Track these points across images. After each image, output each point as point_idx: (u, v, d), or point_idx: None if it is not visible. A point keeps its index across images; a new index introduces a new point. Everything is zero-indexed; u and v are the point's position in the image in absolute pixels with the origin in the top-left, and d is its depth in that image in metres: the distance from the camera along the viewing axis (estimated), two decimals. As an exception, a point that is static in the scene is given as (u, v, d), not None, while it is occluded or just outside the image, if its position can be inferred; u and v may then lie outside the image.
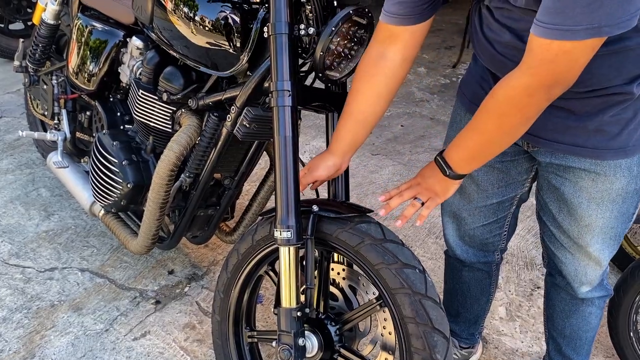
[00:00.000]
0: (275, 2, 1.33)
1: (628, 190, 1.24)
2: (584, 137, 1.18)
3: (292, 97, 1.32)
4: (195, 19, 1.53)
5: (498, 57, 1.17)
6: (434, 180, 1.26)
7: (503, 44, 1.14)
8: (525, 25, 1.04)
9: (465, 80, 1.41)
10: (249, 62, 1.50)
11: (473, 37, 1.28)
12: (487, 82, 1.29)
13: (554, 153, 1.26)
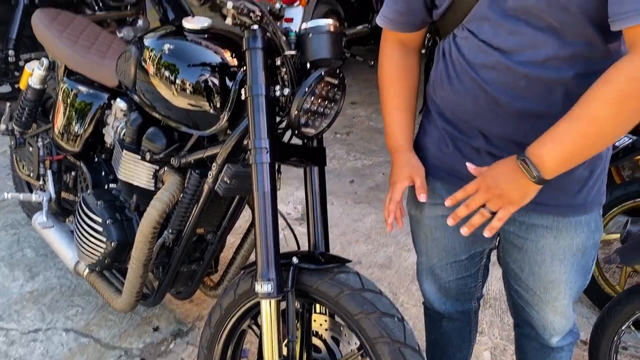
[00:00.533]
0: (252, 66, 1.41)
1: (587, 245, 1.29)
2: (547, 195, 1.20)
3: (269, 154, 1.38)
4: (176, 82, 1.61)
5: (480, 87, 1.19)
6: (511, 185, 1.08)
7: (489, 67, 1.16)
8: (516, 39, 1.10)
9: (419, 144, 1.42)
10: (229, 121, 1.57)
11: (439, 86, 1.30)
12: (445, 143, 1.32)
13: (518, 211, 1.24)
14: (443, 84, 1.28)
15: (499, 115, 1.19)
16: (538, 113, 1.16)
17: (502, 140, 1.22)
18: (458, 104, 1.26)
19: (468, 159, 1.26)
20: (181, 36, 1.68)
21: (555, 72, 1.11)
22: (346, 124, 4.13)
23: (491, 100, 1.19)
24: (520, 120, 1.18)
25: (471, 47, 1.19)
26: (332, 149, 3.73)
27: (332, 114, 1.53)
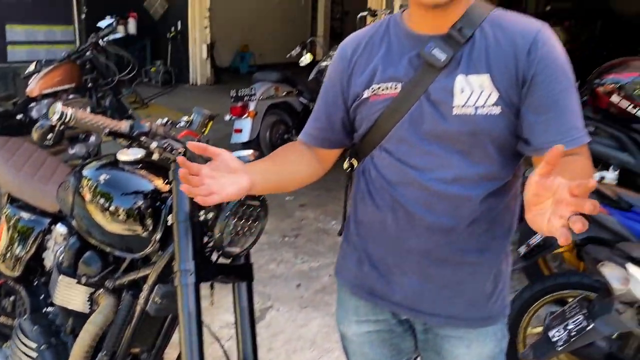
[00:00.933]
0: (178, 193, 1.55)
1: (495, 352, 1.40)
2: (458, 309, 1.34)
3: (194, 276, 1.48)
4: (110, 210, 1.72)
5: (397, 203, 1.30)
6: None
7: (405, 184, 1.29)
8: (429, 159, 1.24)
9: (341, 264, 1.51)
10: (160, 243, 1.68)
11: (360, 201, 1.41)
12: (364, 262, 1.41)
13: (434, 324, 1.39)
14: (364, 199, 1.41)
15: (414, 229, 1.32)
16: (448, 227, 1.30)
17: (416, 254, 1.34)
18: (378, 218, 1.37)
19: (385, 277, 1.38)
20: (117, 166, 1.82)
21: (462, 190, 1.26)
22: (294, 227, 4.27)
23: (408, 215, 1.32)
24: (434, 234, 1.31)
25: (389, 166, 1.33)
26: (279, 252, 3.83)
27: (256, 232, 1.66)
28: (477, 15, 1.23)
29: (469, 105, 1.20)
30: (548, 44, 1.19)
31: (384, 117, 1.29)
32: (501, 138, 1.22)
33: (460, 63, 1.21)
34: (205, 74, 10.21)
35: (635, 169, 2.89)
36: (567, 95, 1.19)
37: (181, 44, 9.90)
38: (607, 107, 2.94)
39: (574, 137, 1.18)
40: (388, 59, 1.29)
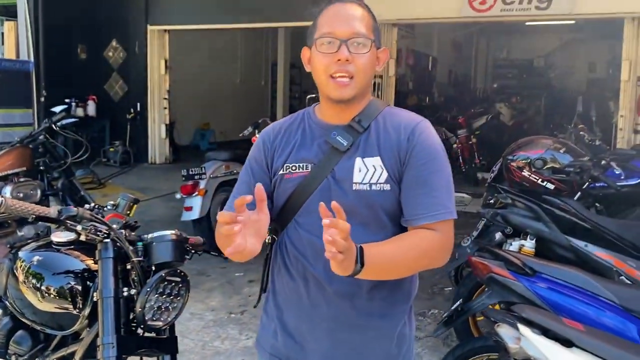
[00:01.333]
0: (103, 272, 1.69)
1: None
2: None
3: (115, 349, 1.60)
4: (41, 289, 1.83)
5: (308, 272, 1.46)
6: (348, 259, 1.25)
7: (314, 253, 1.43)
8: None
9: (261, 335, 1.63)
10: (89, 319, 1.79)
11: (278, 273, 1.54)
12: (280, 332, 1.54)
13: None
14: (280, 271, 1.56)
15: (324, 297, 1.47)
16: (351, 293, 1.46)
17: (325, 320, 1.48)
18: (292, 288, 1.52)
19: (299, 344, 1.51)
20: (52, 248, 1.94)
21: None
22: (241, 303, 4.33)
23: (317, 284, 1.47)
24: (340, 300, 1.46)
25: (301, 238, 1.49)
26: (225, 329, 3.87)
27: (178, 306, 1.79)
28: (373, 110, 1.49)
29: (365, 183, 1.42)
30: (424, 134, 1.44)
31: (297, 192, 1.48)
32: (393, 210, 1.43)
33: (358, 148, 1.45)
34: (164, 152, 10.40)
35: (549, 237, 3.14)
36: (438, 177, 1.42)
37: (140, 124, 10.14)
38: (520, 181, 3.23)
39: (439, 212, 1.39)
40: (302, 144, 1.50)
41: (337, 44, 1.40)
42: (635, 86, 6.77)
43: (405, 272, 1.44)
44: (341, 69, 1.40)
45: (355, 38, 1.41)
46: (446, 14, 7.70)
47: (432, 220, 1.38)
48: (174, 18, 9.80)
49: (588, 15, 7.06)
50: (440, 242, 1.40)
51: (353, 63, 1.40)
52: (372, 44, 1.43)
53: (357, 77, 1.42)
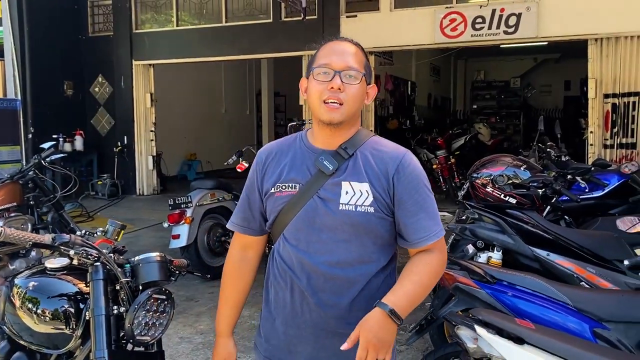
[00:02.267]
0: (94, 293, 1.86)
1: None
2: None
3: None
4: (37, 312, 1.99)
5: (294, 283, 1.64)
6: (386, 332, 1.47)
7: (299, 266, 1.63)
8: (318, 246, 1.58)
9: (257, 340, 1.80)
10: (82, 338, 1.95)
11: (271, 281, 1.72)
12: (272, 337, 1.71)
13: None
14: (273, 281, 1.74)
15: (308, 306, 1.65)
16: (333, 304, 1.63)
17: (309, 327, 1.65)
18: (282, 297, 1.69)
19: (287, 348, 1.68)
20: (46, 274, 2.11)
21: (343, 272, 1.61)
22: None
23: (302, 294, 1.65)
24: (322, 309, 1.63)
25: (288, 252, 1.67)
26: (214, 351, 4.02)
27: (164, 323, 1.96)
28: (359, 139, 1.68)
29: (351, 204, 1.60)
30: (411, 165, 1.64)
31: (285, 210, 1.67)
32: (374, 230, 1.61)
33: (344, 172, 1.63)
34: (152, 184, 10.56)
35: (514, 248, 3.35)
36: (429, 202, 1.63)
37: (127, 157, 10.31)
38: (485, 197, 3.45)
39: (436, 232, 1.61)
40: (292, 165, 1.69)
41: (332, 74, 1.59)
42: (602, 103, 7.10)
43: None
44: (332, 96, 1.58)
45: (348, 70, 1.60)
46: (420, 40, 8.04)
47: (434, 239, 1.60)
48: (158, 53, 10.08)
49: (553, 38, 7.41)
50: (441, 260, 1.63)
51: (344, 92, 1.58)
52: (363, 77, 1.62)
53: (346, 105, 1.59)
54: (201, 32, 9.83)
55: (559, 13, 7.15)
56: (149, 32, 10.28)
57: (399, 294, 1.53)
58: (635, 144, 6.92)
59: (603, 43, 7.01)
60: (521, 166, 3.51)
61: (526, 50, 12.56)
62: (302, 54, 8.92)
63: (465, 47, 8.83)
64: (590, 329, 2.38)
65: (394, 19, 8.11)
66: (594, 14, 6.93)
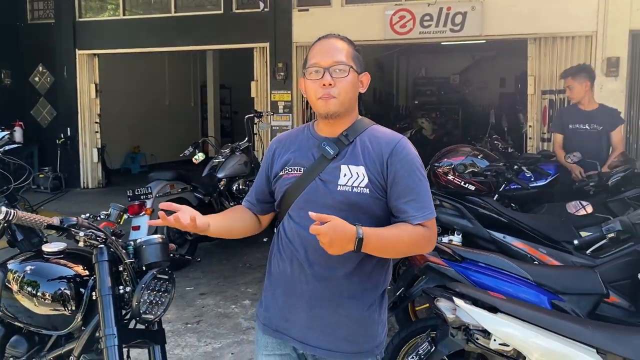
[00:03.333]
0: (100, 274, 1.92)
1: None
2: (336, 344, 1.77)
3: (117, 339, 1.83)
4: (37, 295, 2.02)
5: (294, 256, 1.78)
6: (342, 242, 1.56)
7: (298, 241, 1.77)
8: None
9: (258, 309, 1.94)
10: (83, 320, 2.00)
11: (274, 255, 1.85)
12: (272, 306, 1.84)
13: (319, 356, 1.78)
14: (275, 254, 1.88)
15: (305, 277, 1.78)
16: (327, 276, 1.76)
17: (305, 296, 1.78)
18: (282, 269, 1.83)
19: (285, 316, 1.81)
20: (40, 258, 2.14)
21: None
22: (196, 314, 4.53)
23: (300, 266, 1.78)
24: (317, 281, 1.77)
25: (291, 228, 1.81)
26: (183, 338, 4.07)
27: (166, 301, 2.04)
28: (359, 127, 1.82)
29: (348, 185, 1.74)
30: (405, 150, 1.77)
31: (290, 190, 1.82)
32: (370, 209, 1.75)
33: (344, 156, 1.77)
34: (97, 177, 10.30)
35: (473, 231, 3.61)
36: (421, 185, 1.76)
37: (71, 149, 10.00)
38: (446, 184, 3.69)
39: (426, 213, 1.74)
40: (299, 151, 1.84)
41: (322, 72, 1.73)
42: (540, 99, 7.57)
43: (398, 253, 1.80)
44: (326, 92, 1.74)
45: (336, 65, 1.74)
46: (370, 36, 8.25)
47: (423, 220, 1.73)
48: (103, 42, 9.82)
49: (496, 36, 7.82)
50: (428, 236, 1.75)
51: (336, 86, 1.73)
52: (351, 69, 1.75)
53: (339, 97, 1.74)
54: (149, 22, 9.65)
55: (501, 13, 7.55)
56: (94, 21, 10.00)
57: (377, 233, 1.65)
58: (569, 137, 7.44)
59: (541, 42, 7.47)
60: (479, 155, 3.78)
61: (465, 47, 13.09)
62: (254, 46, 8.97)
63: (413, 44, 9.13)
64: (548, 301, 2.65)
65: (345, 15, 8.29)
66: (533, 15, 7.37)
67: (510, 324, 2.14)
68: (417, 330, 2.88)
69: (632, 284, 3.03)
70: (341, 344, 1.78)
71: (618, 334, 2.11)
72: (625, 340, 2.05)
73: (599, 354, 2.03)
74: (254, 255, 6.11)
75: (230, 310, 4.64)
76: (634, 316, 2.99)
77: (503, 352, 2.17)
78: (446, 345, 2.29)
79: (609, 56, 7.09)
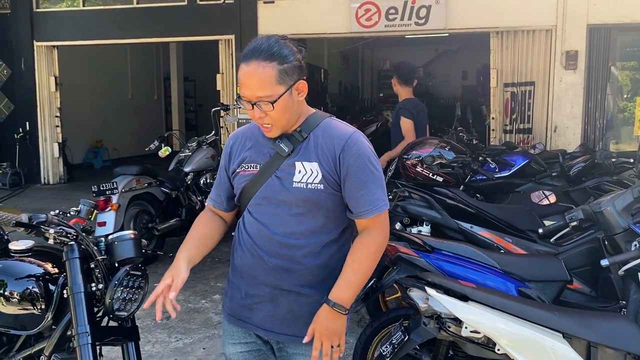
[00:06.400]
0: (72, 271, 1.88)
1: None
2: (298, 329, 1.79)
3: (90, 337, 1.80)
4: (5, 294, 1.97)
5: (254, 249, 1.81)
6: (335, 323, 1.72)
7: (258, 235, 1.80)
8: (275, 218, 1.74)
9: (224, 300, 1.97)
10: (53, 319, 1.96)
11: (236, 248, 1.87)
12: (236, 296, 1.87)
13: (282, 341, 1.83)
14: (237, 247, 1.89)
15: (265, 268, 1.80)
16: (287, 268, 1.79)
17: (267, 287, 1.81)
18: (244, 261, 1.85)
19: (248, 306, 1.83)
20: (6, 256, 2.08)
21: (296, 241, 1.78)
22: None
23: (261, 259, 1.81)
24: (278, 272, 1.79)
25: (250, 223, 1.84)
26: (153, 334, 4.02)
27: (139, 298, 2.02)
28: (313, 122, 1.82)
29: (303, 182, 1.76)
30: (357, 145, 1.77)
31: (247, 187, 1.84)
32: (325, 205, 1.78)
33: (298, 153, 1.79)
34: (58, 172, 10.04)
35: (441, 222, 3.68)
36: (373, 178, 1.77)
37: (30, 143, 9.71)
38: (415, 176, 3.74)
39: (379, 206, 1.77)
40: (255, 147, 1.86)
41: (251, 105, 1.73)
42: (503, 92, 7.74)
43: (370, 275, 1.83)
44: (260, 122, 1.76)
45: (259, 101, 1.70)
46: (336, 29, 8.28)
47: (375, 214, 1.76)
48: (62, 34, 9.54)
49: (459, 30, 7.93)
50: (380, 238, 1.80)
51: (268, 116, 1.73)
52: (279, 97, 1.69)
53: (275, 124, 1.76)
54: (110, 13, 9.44)
55: (464, 7, 7.67)
56: (52, 12, 9.70)
57: (342, 286, 1.74)
58: (531, 129, 7.62)
59: (503, 36, 7.62)
60: (446, 147, 3.85)
61: (429, 41, 13.24)
62: (218, 38, 8.87)
63: (378, 37, 9.19)
64: (515, 288, 2.72)
65: (311, 7, 8.27)
66: (495, 9, 7.51)
67: (481, 312, 2.20)
68: (389, 320, 2.92)
69: (593, 271, 3.14)
70: (303, 329, 1.79)
71: (582, 318, 2.19)
72: (589, 324, 2.14)
73: (565, 338, 2.10)
74: (223, 250, 6.07)
75: (200, 305, 4.62)
76: (594, 301, 3.10)
77: (474, 339, 2.22)
78: (419, 334, 2.33)
79: (568, 50, 7.29)
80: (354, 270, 1.75)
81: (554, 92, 7.42)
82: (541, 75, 7.50)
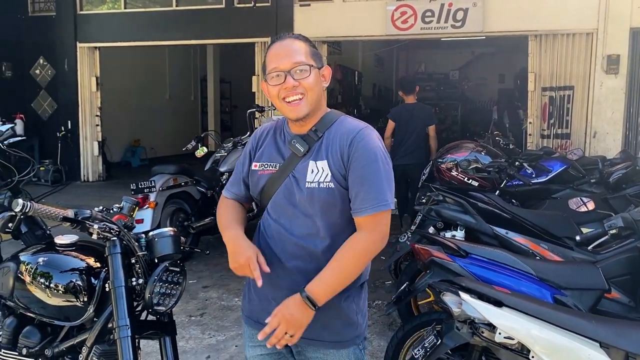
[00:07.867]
0: (113, 266, 1.94)
1: None
2: (316, 332, 1.78)
3: (130, 330, 1.86)
4: (50, 286, 2.05)
5: (272, 251, 1.81)
6: (300, 313, 1.67)
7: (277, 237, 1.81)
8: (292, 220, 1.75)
9: (243, 303, 1.99)
10: (95, 311, 2.03)
11: None
12: (254, 299, 1.89)
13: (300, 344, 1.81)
14: (258, 247, 1.85)
15: (283, 270, 1.81)
16: (303, 270, 1.78)
17: (285, 289, 1.78)
18: (263, 262, 1.82)
19: (266, 308, 1.80)
20: (51, 250, 2.17)
21: (312, 243, 1.78)
22: (199, 307, 4.56)
23: (279, 260, 1.81)
24: (294, 274, 1.79)
25: (269, 224, 1.85)
26: (187, 330, 4.10)
27: (177, 293, 2.07)
28: (328, 121, 1.83)
29: (315, 182, 1.76)
30: (364, 139, 1.76)
31: (267, 187, 1.85)
32: (338, 204, 1.77)
33: (313, 152, 1.79)
34: (97, 170, 10.32)
35: (476, 227, 3.65)
36: (376, 175, 1.74)
37: (71, 142, 10.01)
38: (450, 180, 3.72)
39: (378, 204, 1.73)
40: (273, 147, 1.87)
41: (283, 76, 1.74)
42: (540, 96, 7.61)
43: (354, 277, 1.77)
44: (291, 93, 1.74)
45: (297, 67, 1.73)
46: (371, 32, 8.28)
47: (368, 213, 1.72)
48: (104, 35, 9.81)
49: (497, 33, 7.84)
50: (370, 240, 1.74)
51: (301, 85, 1.73)
52: (312, 67, 1.74)
53: (307, 96, 1.75)
54: (150, 15, 9.66)
55: (502, 10, 7.58)
56: (95, 14, 9.98)
57: (319, 282, 1.70)
58: (569, 134, 7.48)
59: (542, 39, 7.50)
60: (482, 151, 3.81)
61: (465, 43, 13.10)
62: (255, 41, 8.97)
63: (414, 40, 9.14)
64: (551, 295, 2.69)
65: (346, 10, 8.30)
66: (534, 12, 7.40)
67: (515, 318, 2.17)
68: (422, 323, 2.91)
69: (632, 280, 3.07)
70: (320, 333, 1.80)
71: (621, 328, 2.15)
72: (628, 334, 2.09)
73: (602, 347, 2.06)
74: (256, 249, 6.15)
75: (233, 303, 4.68)
76: (633, 311, 3.03)
77: (508, 345, 2.20)
78: (452, 338, 2.32)
79: (609, 54, 7.12)
80: (333, 268, 1.71)
81: (594, 97, 7.26)
82: (581, 79, 7.35)
